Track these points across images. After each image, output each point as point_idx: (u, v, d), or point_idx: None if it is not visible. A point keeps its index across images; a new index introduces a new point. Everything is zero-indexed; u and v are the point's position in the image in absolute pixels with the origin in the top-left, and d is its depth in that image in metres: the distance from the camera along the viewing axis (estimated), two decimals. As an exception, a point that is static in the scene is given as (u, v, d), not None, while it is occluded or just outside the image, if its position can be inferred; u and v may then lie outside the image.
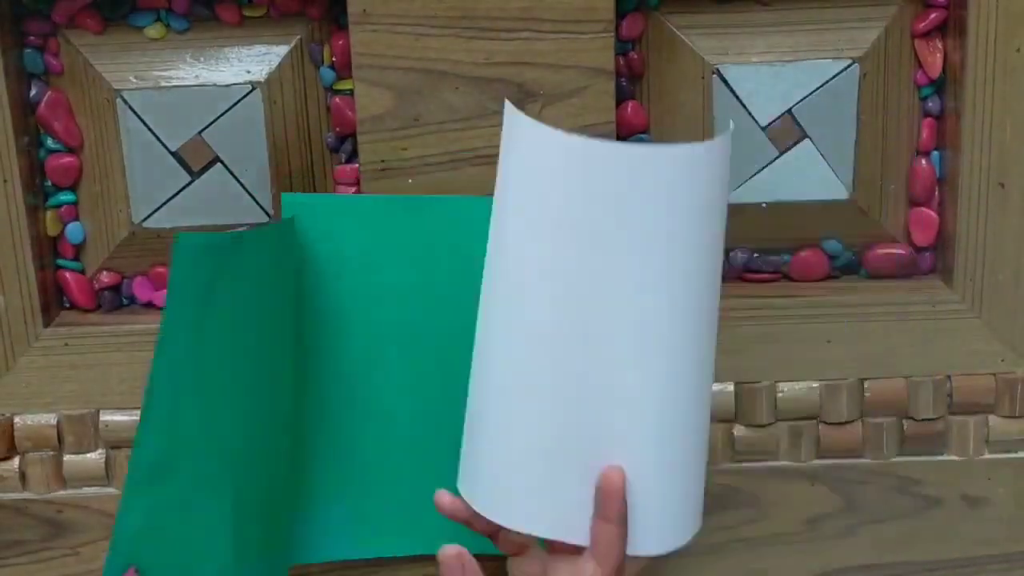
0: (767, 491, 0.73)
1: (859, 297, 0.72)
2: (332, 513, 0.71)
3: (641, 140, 0.70)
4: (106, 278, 0.73)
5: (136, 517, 0.61)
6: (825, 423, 0.72)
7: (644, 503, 0.59)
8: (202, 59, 0.70)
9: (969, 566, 0.74)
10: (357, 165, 0.70)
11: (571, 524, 0.59)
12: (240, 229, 0.68)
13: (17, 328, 0.70)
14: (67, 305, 0.73)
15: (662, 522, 0.60)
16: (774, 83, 0.70)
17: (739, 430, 0.73)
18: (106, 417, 0.72)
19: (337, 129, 0.71)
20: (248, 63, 0.70)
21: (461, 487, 0.62)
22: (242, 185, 0.71)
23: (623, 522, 0.58)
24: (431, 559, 0.62)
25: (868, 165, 0.72)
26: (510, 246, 0.58)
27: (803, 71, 0.70)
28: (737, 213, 0.72)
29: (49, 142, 0.71)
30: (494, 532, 0.61)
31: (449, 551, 0.60)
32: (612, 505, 0.57)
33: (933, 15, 0.70)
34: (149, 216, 0.71)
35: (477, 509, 0.61)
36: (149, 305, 0.73)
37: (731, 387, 0.72)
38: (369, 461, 0.70)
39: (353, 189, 0.71)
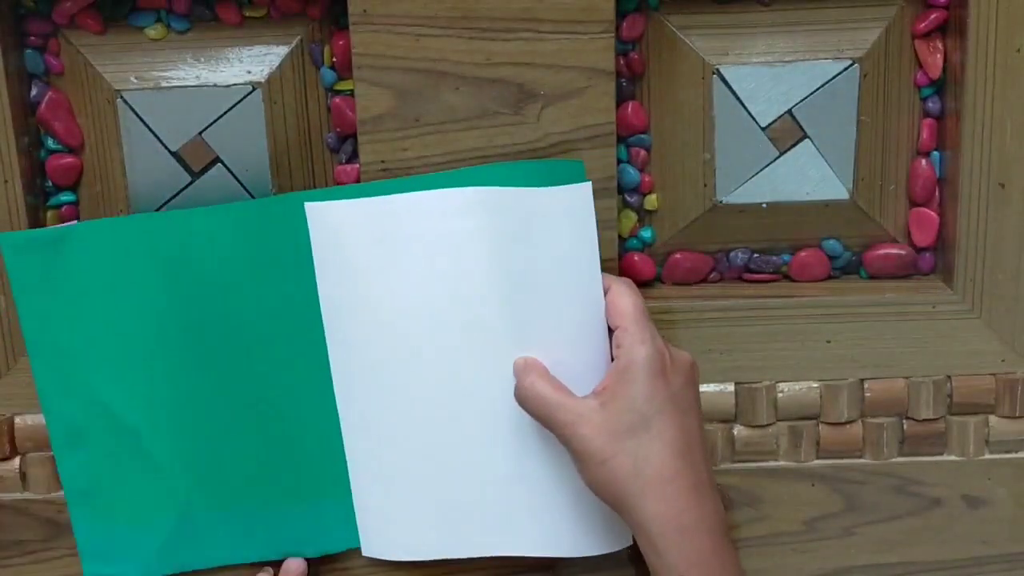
0: (767, 491, 0.73)
1: (859, 297, 0.72)
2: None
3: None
4: (107, 278, 0.73)
5: (78, 479, 0.69)
6: (825, 423, 0.72)
7: (511, 507, 0.67)
8: (203, 59, 0.70)
9: (969, 566, 0.74)
10: (358, 165, 0.70)
11: (477, 537, 0.68)
12: (72, 223, 0.70)
13: (17, 328, 0.70)
14: (68, 305, 0.73)
15: (537, 524, 0.67)
16: (774, 83, 0.70)
17: (739, 430, 0.73)
18: (107, 417, 0.72)
19: (338, 129, 0.71)
20: (249, 63, 0.70)
21: (371, 550, 0.71)
22: (243, 185, 0.71)
23: None
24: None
25: (868, 165, 0.72)
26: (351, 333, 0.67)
27: (803, 71, 0.70)
28: (737, 213, 0.72)
29: (50, 142, 0.71)
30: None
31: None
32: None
33: (933, 15, 0.70)
34: (150, 216, 0.71)
35: (396, 558, 0.70)
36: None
37: (731, 387, 0.72)
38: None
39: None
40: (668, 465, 0.60)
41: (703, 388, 0.72)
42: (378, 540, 0.71)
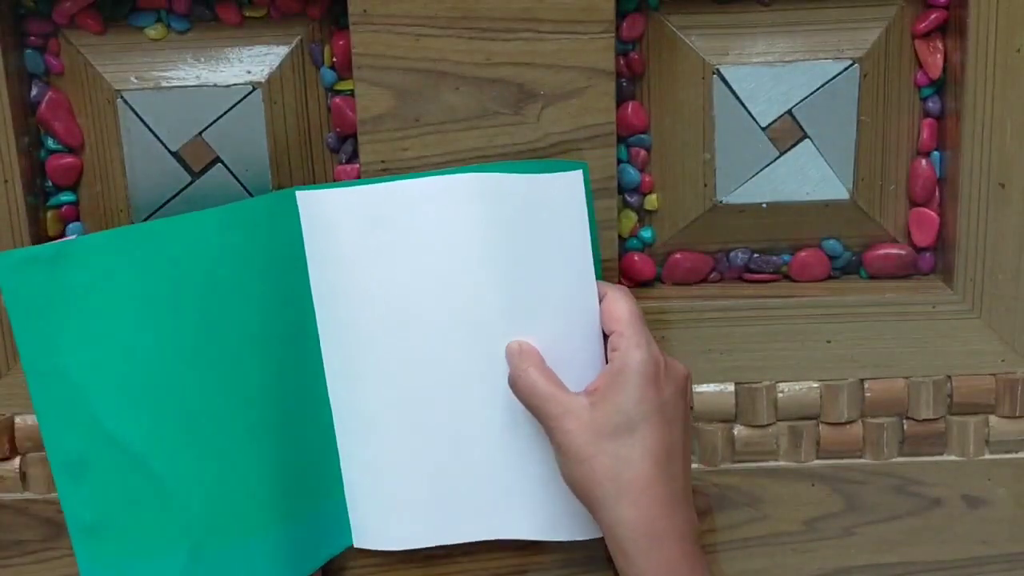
0: (767, 491, 0.73)
1: (859, 297, 0.72)
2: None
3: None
4: (107, 278, 0.73)
5: (83, 513, 0.64)
6: (825, 423, 0.72)
7: (504, 489, 0.68)
8: (203, 59, 0.70)
9: (969, 566, 0.74)
10: (358, 165, 0.70)
11: (470, 522, 0.69)
12: (70, 239, 0.66)
13: (18, 328, 0.70)
14: (68, 305, 0.73)
15: (526, 506, 0.68)
16: (774, 83, 0.70)
17: (739, 430, 0.73)
18: (107, 417, 0.72)
19: (338, 129, 0.71)
20: (249, 63, 0.70)
21: (364, 541, 0.71)
22: (243, 185, 0.71)
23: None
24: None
25: (868, 165, 0.72)
26: (345, 313, 0.67)
27: (803, 71, 0.70)
28: (737, 213, 0.72)
29: (50, 142, 0.71)
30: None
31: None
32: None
33: (933, 15, 0.70)
34: (150, 216, 0.71)
35: (388, 548, 0.70)
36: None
37: (731, 387, 0.72)
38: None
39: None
40: (646, 472, 0.60)
41: (703, 388, 0.72)
42: (370, 531, 0.70)
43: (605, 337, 0.65)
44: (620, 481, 0.60)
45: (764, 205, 0.72)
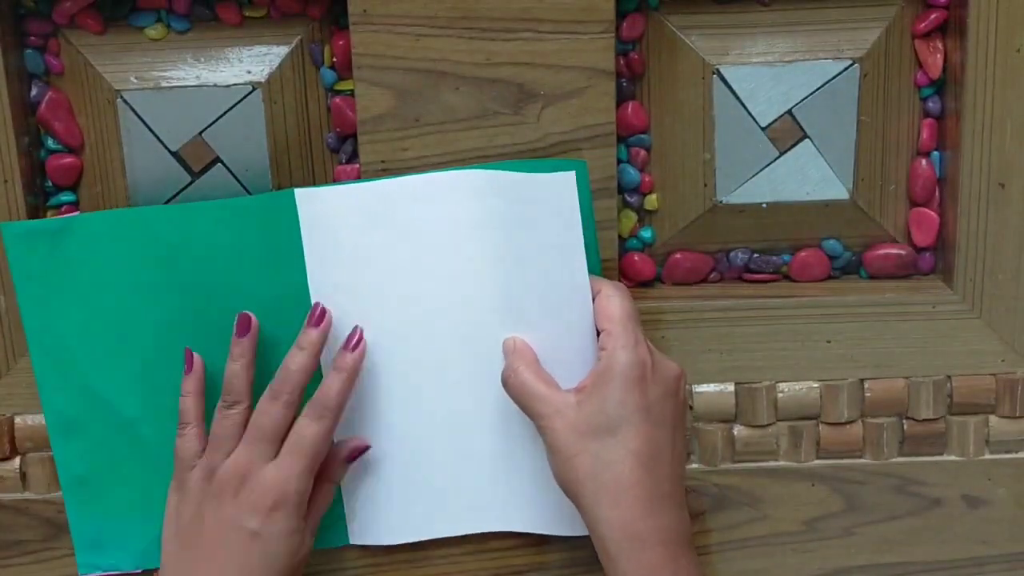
0: (767, 491, 0.73)
1: (859, 297, 0.72)
2: None
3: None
4: (107, 278, 0.73)
5: (74, 467, 0.70)
6: (825, 423, 0.72)
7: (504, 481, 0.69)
8: (203, 59, 0.70)
9: (969, 566, 0.74)
10: (358, 165, 0.70)
11: (466, 516, 0.70)
12: (73, 214, 0.70)
13: (17, 328, 0.70)
14: (68, 305, 0.73)
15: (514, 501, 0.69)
16: (774, 83, 0.70)
17: (739, 430, 0.73)
18: (107, 417, 0.72)
19: (338, 129, 0.71)
20: (249, 63, 0.70)
21: (361, 538, 0.71)
22: (243, 185, 0.71)
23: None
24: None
25: (868, 165, 0.72)
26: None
27: (803, 71, 0.70)
28: (737, 213, 0.72)
29: (50, 142, 0.71)
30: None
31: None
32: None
33: (933, 15, 0.70)
34: (150, 216, 0.71)
35: (384, 543, 0.71)
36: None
37: (731, 387, 0.72)
38: None
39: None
40: (627, 474, 0.60)
41: (703, 388, 0.72)
42: (367, 528, 0.71)
43: (600, 334, 0.65)
44: (600, 481, 0.60)
45: (764, 205, 0.72)
